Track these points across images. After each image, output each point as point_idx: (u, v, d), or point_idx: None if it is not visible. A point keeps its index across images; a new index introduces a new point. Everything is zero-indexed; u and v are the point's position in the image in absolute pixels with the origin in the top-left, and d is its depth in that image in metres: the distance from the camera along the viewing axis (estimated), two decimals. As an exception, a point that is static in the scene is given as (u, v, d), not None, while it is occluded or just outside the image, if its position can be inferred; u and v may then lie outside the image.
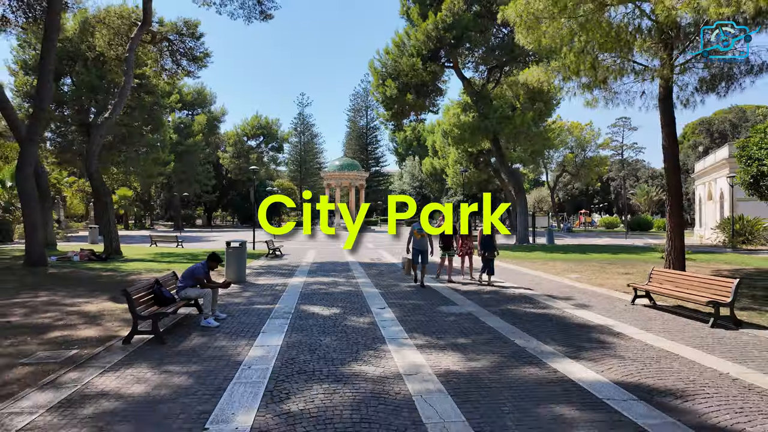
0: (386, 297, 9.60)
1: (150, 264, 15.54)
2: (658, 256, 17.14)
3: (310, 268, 14.90)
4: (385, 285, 11.32)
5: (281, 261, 17.49)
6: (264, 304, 8.71)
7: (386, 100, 27.94)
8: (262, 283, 11.48)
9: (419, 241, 10.86)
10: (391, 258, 18.72)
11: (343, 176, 51.62)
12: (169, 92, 49.29)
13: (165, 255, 19.21)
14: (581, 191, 73.96)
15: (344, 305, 8.69)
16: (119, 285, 10.75)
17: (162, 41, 23.42)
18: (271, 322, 7.21)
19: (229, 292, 10.04)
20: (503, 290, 10.49)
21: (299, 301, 9.10)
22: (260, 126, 64.73)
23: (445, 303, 8.94)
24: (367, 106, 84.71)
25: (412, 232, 10.98)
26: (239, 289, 10.58)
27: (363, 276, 13.00)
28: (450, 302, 9.01)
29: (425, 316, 7.80)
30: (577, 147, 55.97)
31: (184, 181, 55.34)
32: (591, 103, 14.10)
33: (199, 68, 25.01)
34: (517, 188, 28.49)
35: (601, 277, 12.47)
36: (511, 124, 25.92)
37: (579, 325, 7.20)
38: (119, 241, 18.63)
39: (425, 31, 25.32)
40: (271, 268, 14.95)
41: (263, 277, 12.65)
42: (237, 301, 9.10)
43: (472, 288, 10.77)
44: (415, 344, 6.04)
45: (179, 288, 7.07)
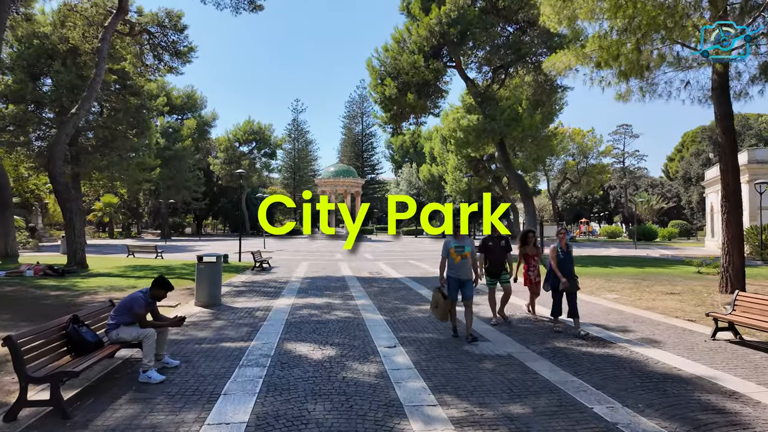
0: (394, 327, 7.59)
1: (115, 280, 13.41)
2: (694, 270, 15.29)
3: (301, 285, 12.85)
4: (390, 309, 9.29)
5: (269, 275, 15.42)
6: (236, 341, 6.66)
7: (385, 101, 26.08)
8: (240, 307, 9.41)
9: (459, 266, 6.79)
10: (392, 271, 16.70)
11: (338, 183, 49.62)
12: (157, 95, 47.23)
13: (138, 268, 17.08)
14: (580, 200, 72.44)
15: (341, 341, 6.66)
16: (64, 309, 8.67)
17: (141, 33, 21.46)
18: (241, 374, 5.16)
19: (196, 321, 7.98)
20: (535, 316, 8.56)
21: (283, 334, 7.06)
22: (252, 131, 62.71)
23: (472, 337, 6.93)
24: (363, 112, 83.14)
25: (447, 250, 6.89)
26: (209, 316, 8.51)
27: (362, 296, 10.97)
28: (481, 338, 6.99)
29: (452, 360, 5.79)
30: (578, 154, 54.43)
31: (172, 187, 53.04)
32: (624, 96, 12.32)
33: (183, 64, 23.07)
34: (524, 194, 26.61)
35: (644, 298, 10.52)
36: (520, 126, 24.15)
37: (666, 376, 5.22)
38: (85, 252, 16.51)
39: (428, 25, 23.56)
40: (255, 285, 12.88)
41: (244, 298, 10.58)
42: (202, 335, 7.04)
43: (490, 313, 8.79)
44: (450, 417, 4.03)
45: (110, 327, 5.03)
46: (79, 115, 16.62)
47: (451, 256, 6.84)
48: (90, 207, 56.04)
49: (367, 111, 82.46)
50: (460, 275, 6.80)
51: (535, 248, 8.35)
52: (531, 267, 8.31)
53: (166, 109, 51.33)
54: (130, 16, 20.60)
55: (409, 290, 11.99)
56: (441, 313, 6.94)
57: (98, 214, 53.31)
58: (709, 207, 37.08)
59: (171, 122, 54.13)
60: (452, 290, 6.83)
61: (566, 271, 7.09)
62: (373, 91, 27.15)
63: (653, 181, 75.16)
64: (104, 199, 52.19)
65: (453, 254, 6.82)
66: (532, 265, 8.30)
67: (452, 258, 6.83)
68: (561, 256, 7.16)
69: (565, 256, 7.18)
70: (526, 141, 29.52)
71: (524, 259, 8.36)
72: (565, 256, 7.18)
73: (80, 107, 16.65)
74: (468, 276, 6.82)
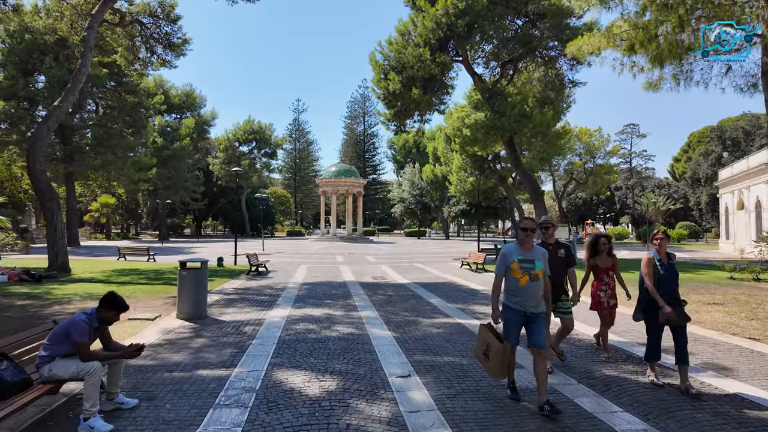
0: (406, 347, 6.41)
1: (95, 286, 12.26)
2: (726, 275, 14.08)
3: (299, 292, 11.68)
4: (400, 322, 8.12)
5: (264, 280, 14.26)
6: (217, 367, 5.49)
7: (388, 96, 24.92)
8: (228, 320, 8.25)
9: (526, 291, 4.35)
10: (398, 276, 15.53)
11: (339, 183, 48.42)
12: (154, 93, 46.19)
13: (126, 272, 15.93)
14: (585, 201, 71.20)
15: (344, 368, 5.48)
16: (24, 322, 7.52)
17: (132, 24, 20.35)
18: (216, 419, 3.99)
19: (173, 339, 6.82)
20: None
21: (274, 358, 5.89)
22: (253, 130, 61.59)
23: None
24: (365, 112, 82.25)
25: (507, 264, 4.45)
26: (190, 332, 7.34)
27: (367, 305, 9.80)
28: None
29: (483, 397, 4.61)
30: (585, 154, 53.17)
31: (170, 187, 51.96)
32: (655, 84, 11.18)
33: (177, 57, 21.92)
34: (534, 194, 25.44)
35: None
36: (531, 122, 22.99)
37: (765, 422, 4.04)
38: (67, 255, 15.37)
39: (434, 17, 22.41)
40: (249, 293, 11.72)
41: (233, 309, 9.41)
42: (177, 358, 5.86)
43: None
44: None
45: (41, 360, 3.86)
46: (62, 108, 15.49)
47: (512, 275, 4.36)
48: (86, 208, 55.01)
49: (369, 111, 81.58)
50: (527, 306, 4.33)
51: (610, 258, 6.06)
52: (603, 285, 6.01)
53: (164, 108, 50.23)
54: (120, 5, 19.54)
55: (419, 299, 10.82)
56: (495, 365, 4.35)
57: (95, 215, 52.20)
58: (723, 208, 35.85)
59: (169, 121, 53.03)
60: (512, 329, 4.40)
61: (668, 294, 4.88)
62: (376, 86, 25.97)
63: (659, 181, 73.90)
64: (101, 199, 51.10)
65: (516, 271, 4.33)
66: (604, 281, 6.01)
67: (514, 278, 4.36)
68: (660, 272, 4.93)
69: (666, 272, 4.94)
70: (536, 139, 28.37)
71: (594, 273, 6.09)
72: (666, 272, 4.94)
73: (63, 99, 15.52)
74: (539, 308, 4.39)
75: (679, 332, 4.89)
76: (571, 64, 25.29)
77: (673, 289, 4.98)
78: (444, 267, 19.22)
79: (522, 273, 4.33)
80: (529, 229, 4.42)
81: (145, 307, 9.46)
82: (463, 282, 14.08)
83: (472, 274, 16.56)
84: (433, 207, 61.31)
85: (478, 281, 14.29)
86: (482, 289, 12.42)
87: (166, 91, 53.22)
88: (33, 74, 34.24)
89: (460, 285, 13.43)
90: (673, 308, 4.81)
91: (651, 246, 5.10)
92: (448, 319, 8.42)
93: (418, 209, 61.86)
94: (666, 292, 4.89)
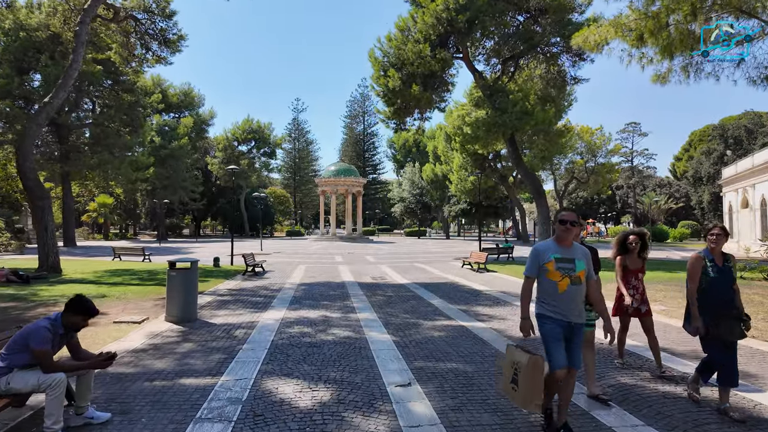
0: (406, 352, 6.01)
1: (86, 287, 11.87)
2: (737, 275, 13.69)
3: (295, 293, 11.29)
4: (399, 325, 7.72)
5: (260, 281, 13.87)
6: (202, 375, 5.09)
7: (388, 94, 24.53)
8: (219, 323, 7.85)
9: (567, 297, 3.51)
10: (398, 276, 15.14)
11: (339, 182, 48.01)
12: (151, 91, 45.79)
13: (119, 273, 15.53)
14: (585, 200, 70.80)
15: (339, 376, 5.08)
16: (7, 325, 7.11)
17: (127, 20, 19.94)
18: (194, 435, 3.60)
19: (159, 344, 6.42)
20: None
21: (265, 364, 5.49)
22: (252, 130, 61.17)
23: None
24: (364, 111, 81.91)
25: (540, 264, 3.61)
26: (177, 336, 6.95)
27: (366, 307, 9.41)
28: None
29: (490, 408, 4.21)
30: (587, 152, 52.77)
31: (168, 187, 51.54)
32: (663, 77, 10.77)
33: (173, 53, 21.49)
34: (536, 193, 25.05)
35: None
36: (533, 120, 22.59)
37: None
38: (58, 256, 14.98)
39: (434, 12, 22.03)
40: (243, 294, 11.33)
41: (226, 311, 9.02)
42: (160, 365, 5.47)
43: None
44: None
45: (-2, 371, 3.46)
46: (53, 104, 15.10)
47: (549, 278, 3.53)
48: (84, 208, 54.64)
49: (368, 110, 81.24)
50: (570, 316, 3.49)
51: (640, 260, 5.35)
52: (630, 288, 5.29)
53: (162, 107, 49.77)
54: (113, 0, 19.12)
55: (419, 300, 10.43)
56: (526, 389, 3.40)
57: (92, 215, 51.81)
58: (727, 206, 35.47)
59: (167, 120, 52.62)
60: (554, 343, 3.46)
61: (720, 302, 4.10)
62: (375, 83, 25.58)
63: (660, 180, 73.57)
64: (99, 199, 50.72)
65: (552, 273, 3.50)
66: (632, 285, 5.30)
67: (550, 281, 3.52)
68: (711, 275, 4.15)
69: (719, 275, 4.14)
70: (538, 137, 28.02)
71: (622, 274, 5.37)
72: (719, 275, 4.14)
73: (54, 96, 15.14)
74: (580, 317, 3.55)
75: (729, 349, 4.08)
76: (573, 61, 24.93)
77: (729, 298, 4.11)
78: (445, 267, 18.82)
79: (561, 275, 3.48)
80: (569, 222, 3.56)
81: (133, 309, 9.07)
82: (465, 282, 13.69)
83: (473, 274, 16.17)
84: (434, 206, 60.91)
85: (480, 281, 13.90)
86: (485, 290, 12.03)
87: (164, 90, 52.80)
88: (29, 73, 33.84)
89: (462, 285, 13.04)
90: (723, 321, 4.02)
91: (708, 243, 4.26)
92: (451, 321, 8.03)
93: (419, 209, 61.46)
94: (717, 300, 4.09)
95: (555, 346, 3.46)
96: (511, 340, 6.64)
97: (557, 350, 3.44)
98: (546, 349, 3.53)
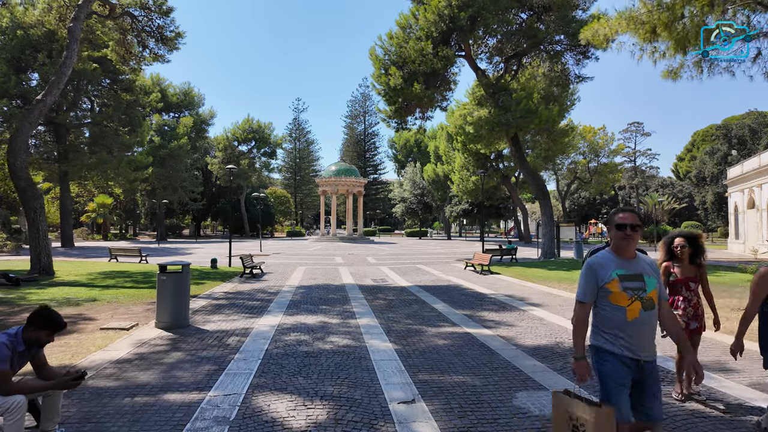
0: (409, 363, 5.62)
1: (78, 290, 11.49)
2: (748, 277, 13.25)
3: (293, 297, 10.90)
4: (402, 332, 7.33)
5: (258, 283, 13.48)
6: (189, 389, 4.70)
7: (389, 92, 24.13)
8: (212, 329, 7.46)
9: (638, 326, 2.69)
10: (399, 279, 14.74)
11: (339, 182, 47.60)
12: (150, 91, 45.44)
13: (113, 275, 15.15)
14: (588, 200, 70.37)
15: (337, 391, 4.69)
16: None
17: (123, 16, 19.58)
18: (172, 465, 3.21)
19: (145, 353, 6.03)
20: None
21: (257, 377, 5.10)
22: (252, 129, 60.78)
23: (524, 384, 4.96)
24: (365, 111, 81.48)
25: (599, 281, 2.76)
26: (167, 344, 6.56)
27: (366, 312, 9.01)
28: (533, 384, 5.02)
29: (505, 429, 3.81)
30: (590, 152, 52.39)
31: (168, 187, 51.18)
32: (675, 72, 10.38)
33: (170, 51, 21.15)
34: (540, 193, 24.63)
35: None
36: (537, 118, 22.19)
37: None
38: (51, 257, 14.61)
39: (436, 8, 21.63)
40: (239, 297, 10.94)
41: (220, 316, 8.62)
42: (144, 377, 5.07)
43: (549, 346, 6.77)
44: None
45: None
46: (46, 101, 14.71)
47: (612, 301, 2.72)
48: (84, 208, 54.32)
49: (369, 110, 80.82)
50: (640, 351, 2.71)
51: (695, 267, 4.53)
52: (684, 300, 4.51)
53: (160, 106, 49.41)
54: (109, -5, 18.75)
55: (422, 304, 10.03)
56: None
57: (92, 216, 51.47)
58: (732, 207, 34.99)
59: (167, 120, 52.27)
60: (618, 387, 2.69)
61: None
62: (376, 82, 25.17)
63: (663, 181, 73.07)
64: (97, 199, 50.40)
65: (618, 296, 2.70)
66: (684, 296, 4.51)
67: (614, 306, 2.72)
68: None
69: None
70: (541, 136, 27.63)
71: (671, 284, 4.55)
72: None
73: (47, 93, 14.76)
74: (653, 353, 2.78)
75: None
76: (577, 59, 24.56)
77: None
78: (447, 268, 18.43)
79: (629, 298, 2.66)
80: (628, 226, 2.72)
81: (123, 314, 8.69)
82: (469, 285, 13.29)
83: (477, 276, 15.78)
84: (435, 207, 60.51)
85: (484, 284, 13.50)
86: (490, 293, 11.63)
87: (163, 89, 52.42)
88: (26, 72, 33.53)
89: (466, 288, 12.64)
90: None
91: None
92: (456, 328, 7.63)
93: (420, 209, 61.05)
94: None
95: (618, 392, 2.66)
96: (521, 350, 6.25)
97: (621, 398, 2.66)
98: (604, 396, 2.72)
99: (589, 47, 23.12)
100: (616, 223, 2.79)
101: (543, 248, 23.52)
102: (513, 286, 12.97)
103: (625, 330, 2.67)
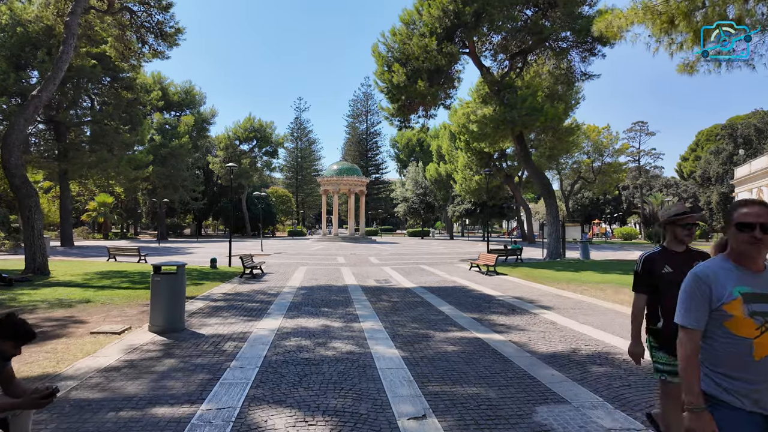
0: (418, 372, 5.23)
1: (72, 291, 11.13)
2: None
3: (294, 299, 10.53)
4: (408, 337, 6.95)
5: (258, 284, 13.11)
6: (179, 402, 4.32)
7: (392, 90, 23.74)
8: (208, 334, 7.09)
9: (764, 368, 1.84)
10: (403, 279, 14.36)
11: (341, 181, 47.24)
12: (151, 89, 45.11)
13: (110, 275, 14.80)
14: (591, 200, 69.88)
15: (339, 405, 4.31)
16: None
17: (122, 11, 19.24)
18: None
19: (136, 360, 5.66)
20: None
21: (254, 388, 4.72)
22: (253, 128, 60.45)
23: (543, 396, 4.58)
24: (367, 110, 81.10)
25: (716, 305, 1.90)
26: (160, 350, 6.18)
27: (370, 315, 8.63)
28: (552, 396, 4.64)
29: (525, 452, 3.43)
30: (594, 152, 51.93)
31: (169, 186, 50.90)
32: (691, 66, 9.96)
33: (170, 47, 20.79)
34: (545, 192, 24.22)
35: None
36: (543, 116, 21.79)
37: None
38: (46, 257, 14.28)
39: (440, 4, 21.26)
40: (239, 299, 10.57)
41: (217, 319, 8.25)
42: (132, 388, 4.70)
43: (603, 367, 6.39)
44: None
45: None
46: (41, 97, 14.37)
47: (731, 330, 1.89)
48: (84, 207, 54.07)
49: (371, 109, 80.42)
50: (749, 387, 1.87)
51: None
52: None
53: (161, 104, 49.10)
54: (107, -10, 18.41)
55: (428, 306, 9.65)
56: None
57: (92, 215, 51.21)
58: (739, 207, 34.56)
59: (167, 119, 51.97)
60: None
61: None
62: (379, 79, 24.79)
63: (667, 181, 72.56)
64: (98, 198, 50.13)
65: (741, 321, 1.87)
66: None
67: (735, 337, 1.88)
68: None
69: None
70: (546, 134, 27.23)
71: None
72: None
73: (43, 89, 14.42)
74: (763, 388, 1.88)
75: None
76: (583, 56, 24.16)
77: None
78: (451, 269, 18.04)
79: (758, 327, 1.86)
80: (759, 226, 1.87)
81: (117, 316, 8.32)
82: (475, 286, 12.90)
83: (482, 277, 15.39)
84: (437, 206, 60.12)
85: (490, 285, 13.11)
86: (497, 295, 11.24)
87: (164, 87, 52.10)
88: (25, 69, 33.23)
89: (472, 290, 12.25)
90: None
91: None
92: (465, 332, 7.25)
93: (422, 209, 60.66)
94: None
95: None
96: (536, 357, 5.86)
97: None
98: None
99: (595, 44, 22.77)
100: (739, 222, 1.93)
101: (548, 248, 23.11)
102: (521, 288, 12.58)
103: (749, 372, 1.86)
